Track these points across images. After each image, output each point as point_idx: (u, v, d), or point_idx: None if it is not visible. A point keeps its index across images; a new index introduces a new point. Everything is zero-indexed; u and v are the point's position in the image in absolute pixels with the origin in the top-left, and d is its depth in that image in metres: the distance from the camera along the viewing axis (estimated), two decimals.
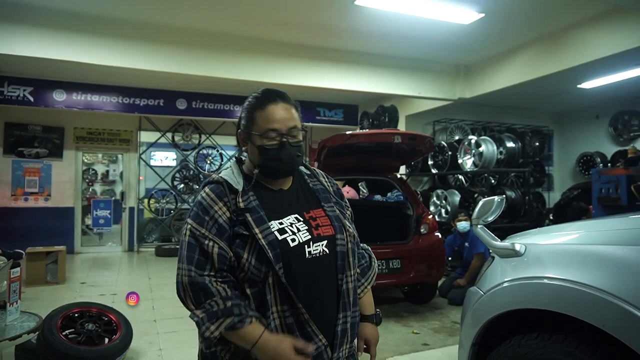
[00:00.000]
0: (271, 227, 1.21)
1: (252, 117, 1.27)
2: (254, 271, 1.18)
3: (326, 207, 1.34)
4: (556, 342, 1.61)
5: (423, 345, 3.99)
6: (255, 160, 1.29)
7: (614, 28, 4.76)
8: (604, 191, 4.82)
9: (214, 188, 1.26)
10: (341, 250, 1.29)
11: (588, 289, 1.50)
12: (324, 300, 1.25)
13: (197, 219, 1.21)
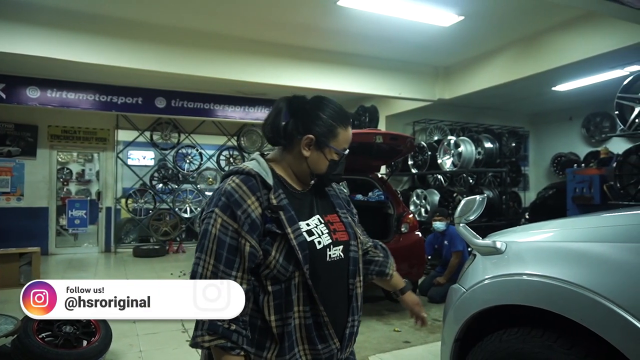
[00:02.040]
0: (301, 227, 1.22)
1: (336, 132, 1.30)
2: (280, 270, 1.18)
3: (340, 213, 1.38)
4: (535, 336, 1.66)
5: (404, 342, 4.04)
6: (319, 170, 1.31)
7: (587, 33, 4.92)
8: (578, 190, 4.97)
9: (245, 180, 1.22)
10: (353, 257, 1.33)
11: (566, 284, 1.55)
12: (337, 304, 1.28)
13: (227, 211, 1.18)
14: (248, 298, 1.18)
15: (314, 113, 1.30)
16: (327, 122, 1.29)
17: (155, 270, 7.34)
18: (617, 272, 1.48)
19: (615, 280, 1.47)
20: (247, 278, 1.18)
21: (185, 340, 3.97)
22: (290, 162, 1.32)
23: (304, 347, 1.23)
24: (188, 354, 3.74)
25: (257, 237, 1.18)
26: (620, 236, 1.60)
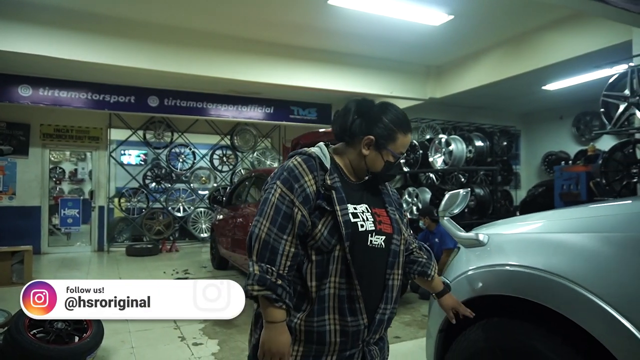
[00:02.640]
0: (348, 209, 1.36)
1: (395, 137, 1.43)
2: (324, 242, 1.33)
3: (389, 209, 1.50)
4: (514, 325, 1.71)
5: (394, 338, 4.09)
6: (375, 168, 1.45)
7: (574, 32, 5.00)
8: (565, 187, 5.05)
9: (306, 160, 1.39)
10: (394, 249, 1.44)
11: (543, 273, 1.60)
12: (371, 287, 1.39)
13: (287, 183, 1.34)
14: (295, 260, 1.32)
15: (378, 116, 1.43)
16: (388, 126, 1.42)
17: (148, 269, 7.34)
18: (589, 260, 1.53)
19: (588, 269, 1.52)
20: (295, 243, 1.32)
21: (178, 336, 4.00)
22: (350, 157, 1.47)
23: (335, 316, 1.34)
24: (180, 349, 3.76)
25: (308, 210, 1.33)
26: (594, 227, 1.65)
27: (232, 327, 4.14)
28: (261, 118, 9.35)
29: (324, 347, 1.34)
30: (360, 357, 1.40)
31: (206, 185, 10.11)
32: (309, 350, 1.35)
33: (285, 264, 1.30)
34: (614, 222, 1.64)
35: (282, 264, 1.30)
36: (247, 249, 1.35)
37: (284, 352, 1.28)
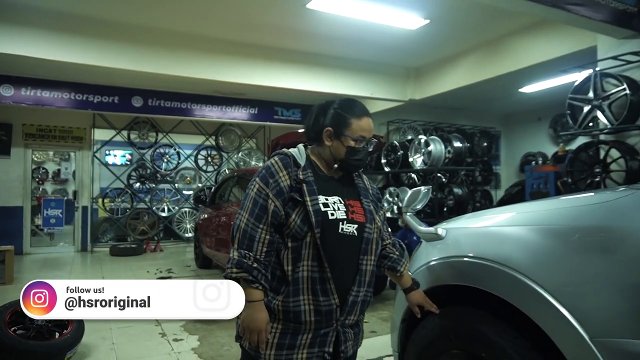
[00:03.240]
0: (319, 199, 1.50)
1: (348, 122, 1.56)
2: (297, 229, 1.47)
3: (363, 201, 1.62)
4: (466, 312, 1.84)
5: (371, 332, 4.21)
6: (339, 156, 1.58)
7: (544, 38, 5.19)
8: (535, 186, 5.23)
9: (282, 158, 1.56)
10: (367, 237, 1.56)
11: (491, 263, 1.73)
12: (344, 271, 1.51)
13: (264, 180, 1.52)
14: (272, 246, 1.48)
15: (331, 109, 1.60)
16: (340, 114, 1.57)
17: (132, 268, 7.37)
18: (531, 251, 1.66)
19: (529, 258, 1.65)
20: (270, 231, 1.48)
21: (158, 333, 4.07)
22: (320, 152, 1.62)
23: (308, 297, 1.47)
24: (160, 345, 3.84)
25: (282, 202, 1.49)
26: (536, 220, 1.79)
27: (212, 323, 4.22)
28: (245, 119, 9.43)
29: (300, 325, 1.47)
30: (334, 336, 1.51)
31: (191, 186, 10.15)
32: (287, 327, 1.48)
33: (262, 249, 1.46)
34: (553, 215, 1.78)
35: (259, 249, 1.46)
36: (230, 239, 1.52)
37: (261, 328, 1.43)
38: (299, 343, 1.48)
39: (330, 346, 1.51)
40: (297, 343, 1.48)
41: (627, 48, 4.01)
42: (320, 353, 1.49)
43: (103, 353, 3.67)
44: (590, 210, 1.65)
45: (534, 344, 1.58)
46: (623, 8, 3.81)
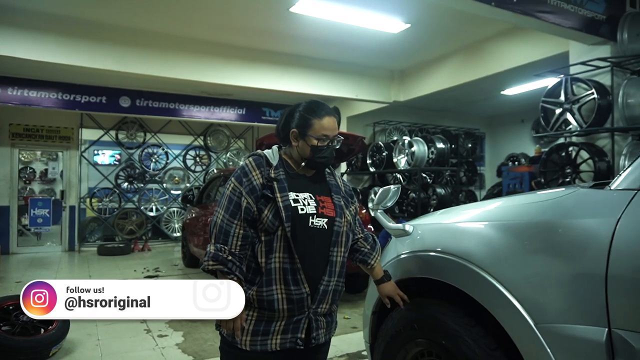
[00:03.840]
0: (289, 196, 1.60)
1: (310, 123, 1.66)
2: (269, 224, 1.57)
3: (334, 197, 1.72)
4: (430, 304, 1.96)
5: (352, 328, 4.34)
6: (305, 155, 1.68)
7: (521, 43, 5.36)
8: (511, 186, 5.39)
9: (256, 159, 1.68)
10: (337, 230, 1.66)
11: (451, 257, 1.85)
12: (315, 262, 1.61)
13: (238, 179, 1.63)
14: (246, 240, 1.60)
15: (295, 111, 1.71)
16: (302, 115, 1.68)
17: (119, 267, 7.42)
18: (488, 245, 1.78)
19: (485, 252, 1.77)
20: (244, 226, 1.59)
21: (143, 329, 4.15)
22: (291, 152, 1.73)
23: (280, 286, 1.57)
24: (145, 341, 3.92)
25: (255, 199, 1.60)
26: (494, 216, 1.92)
27: (197, 319, 4.31)
28: (233, 119, 9.51)
29: (274, 313, 1.57)
30: (306, 324, 1.60)
31: (179, 186, 10.20)
32: (262, 315, 1.58)
33: (237, 243, 1.57)
34: (507, 212, 1.91)
35: (234, 243, 1.57)
36: (209, 235, 1.63)
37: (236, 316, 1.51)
38: (273, 329, 1.57)
39: (302, 333, 1.59)
40: (271, 329, 1.57)
41: (597, 54, 4.17)
42: (293, 339, 1.58)
43: (88, 349, 3.74)
44: (537, 208, 1.78)
45: (488, 331, 1.71)
46: (592, 16, 3.97)
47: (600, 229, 1.43)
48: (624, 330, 1.31)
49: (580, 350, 1.40)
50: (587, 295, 1.41)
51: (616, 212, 1.41)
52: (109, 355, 3.62)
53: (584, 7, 3.90)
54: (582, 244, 1.48)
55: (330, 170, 1.83)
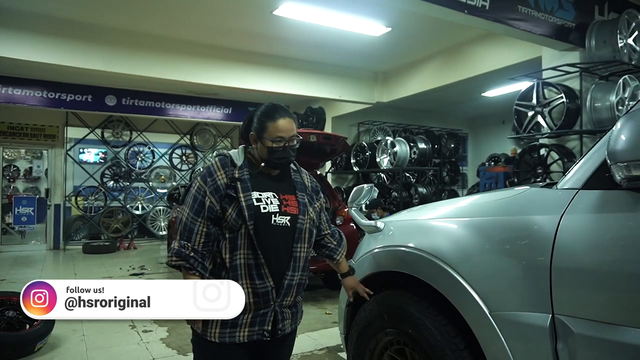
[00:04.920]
0: (252, 195, 1.66)
1: (265, 125, 1.71)
2: (233, 222, 1.63)
3: (298, 195, 1.77)
4: (398, 295, 2.09)
5: (333, 323, 4.46)
6: (264, 156, 1.73)
7: (497, 47, 5.56)
8: (487, 185, 5.58)
9: (221, 159, 1.74)
10: (299, 227, 1.72)
11: (418, 252, 1.98)
12: (279, 257, 1.67)
13: (203, 179, 1.69)
14: (209, 237, 1.66)
15: (252, 115, 1.79)
16: (257, 118, 1.74)
17: (105, 265, 7.45)
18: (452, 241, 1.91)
19: (448, 247, 1.90)
20: (207, 224, 1.65)
21: (128, 325, 4.23)
22: (253, 152, 1.79)
23: (246, 281, 1.63)
24: (129, 336, 4.00)
25: (219, 198, 1.65)
26: (460, 213, 2.05)
27: None
28: (220, 118, 9.57)
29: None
30: (272, 316, 1.67)
31: (165, 184, 10.23)
32: None
33: (200, 240, 1.64)
34: (469, 209, 2.05)
35: (197, 240, 1.63)
36: (175, 232, 1.73)
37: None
38: (241, 322, 1.61)
39: (269, 325, 1.66)
40: (239, 322, 1.61)
41: (567, 59, 4.36)
42: (260, 331, 1.64)
43: (73, 344, 3.81)
44: (494, 205, 1.93)
45: (450, 320, 1.84)
46: (562, 23, 4.16)
47: (546, 225, 1.56)
48: (565, 315, 1.45)
49: (527, 334, 1.54)
50: (534, 285, 1.54)
51: (560, 209, 1.55)
52: (94, 350, 3.69)
53: (554, 14, 4.08)
54: (530, 239, 1.62)
55: (297, 167, 1.89)
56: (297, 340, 3.94)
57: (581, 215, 1.51)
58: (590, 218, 1.50)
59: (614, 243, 1.44)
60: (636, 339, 1.28)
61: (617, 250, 1.43)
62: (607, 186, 1.46)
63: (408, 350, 2.01)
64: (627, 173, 1.31)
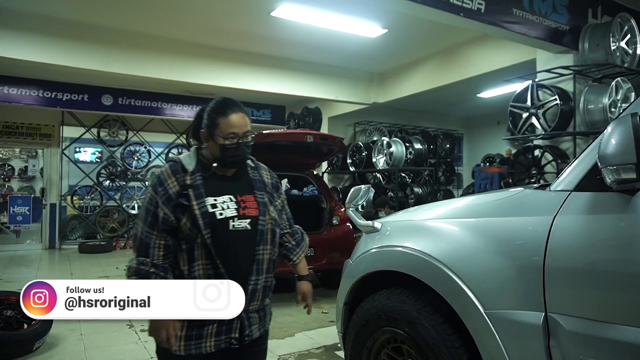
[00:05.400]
0: (206, 202, 1.55)
1: (216, 122, 1.59)
2: (188, 232, 1.53)
3: (257, 195, 1.67)
4: (395, 294, 2.12)
5: (329, 322, 4.50)
6: (216, 155, 1.63)
7: (494, 49, 5.62)
8: (483, 186, 5.64)
9: (172, 165, 1.61)
10: (261, 229, 1.63)
11: (415, 252, 2.02)
12: (240, 264, 1.58)
13: (154, 188, 1.57)
14: (168, 249, 1.55)
15: (202, 112, 1.67)
16: (208, 115, 1.63)
17: (101, 265, 7.45)
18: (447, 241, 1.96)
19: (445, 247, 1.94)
20: (163, 236, 1.55)
21: (126, 324, 4.24)
22: (205, 152, 1.68)
23: None
24: (127, 335, 4.02)
25: (173, 207, 1.54)
26: (454, 214, 2.10)
27: None
28: None
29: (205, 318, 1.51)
30: (239, 323, 1.57)
31: None
32: (192, 321, 1.52)
33: (159, 254, 1.53)
34: (466, 210, 2.09)
35: (156, 254, 1.52)
36: (132, 248, 1.59)
37: (167, 325, 1.47)
38: (206, 333, 1.53)
39: (236, 332, 1.57)
40: (204, 333, 1.53)
41: (561, 62, 4.43)
42: (227, 340, 1.56)
43: (71, 343, 3.82)
44: (489, 207, 1.97)
45: (446, 318, 1.88)
46: (556, 26, 4.22)
47: (539, 226, 1.60)
48: (557, 314, 1.50)
49: (521, 332, 1.58)
50: (528, 284, 1.58)
51: (552, 211, 1.59)
52: (92, 350, 3.71)
53: (548, 17, 4.14)
54: (524, 240, 1.67)
55: (255, 164, 1.79)
56: (294, 339, 4.01)
57: (573, 216, 1.55)
58: (582, 219, 1.54)
59: (605, 243, 1.49)
60: (626, 336, 1.33)
61: (609, 251, 1.47)
62: (598, 188, 1.51)
63: (405, 348, 2.05)
64: (617, 176, 1.36)
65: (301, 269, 1.89)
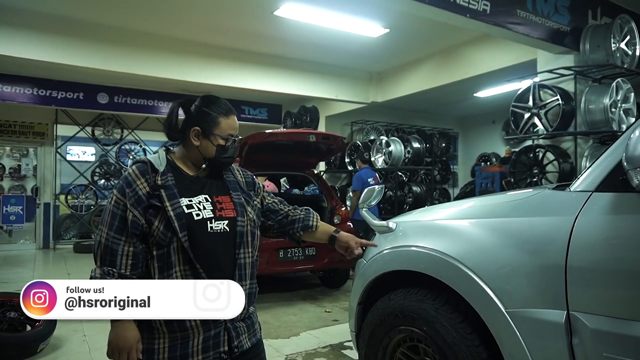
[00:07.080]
0: (181, 202, 1.44)
1: (217, 121, 1.53)
2: (161, 236, 1.40)
3: (233, 195, 1.57)
4: (412, 293, 2.14)
5: (333, 321, 4.51)
6: (208, 155, 1.54)
7: (494, 49, 5.67)
8: (484, 185, 5.69)
9: (140, 166, 1.49)
10: (240, 231, 1.52)
11: (433, 252, 2.03)
12: (221, 268, 1.47)
13: (121, 191, 1.44)
14: (137, 257, 1.43)
15: (198, 108, 1.56)
16: (207, 112, 1.54)
17: None
18: (464, 240, 1.98)
19: (464, 247, 1.96)
20: (133, 242, 1.41)
21: None
22: (186, 152, 1.56)
23: None
24: None
25: (142, 210, 1.42)
26: (470, 214, 2.12)
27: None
28: None
29: (187, 332, 1.41)
30: (226, 334, 1.47)
31: None
32: (174, 339, 1.42)
33: (127, 263, 1.40)
34: (482, 210, 2.11)
35: (123, 263, 1.39)
36: (93, 257, 1.43)
37: (131, 345, 1.36)
38: (192, 351, 1.42)
39: (224, 345, 1.47)
40: (189, 352, 1.42)
41: (562, 62, 4.49)
42: (216, 355, 1.46)
43: (75, 344, 3.79)
44: (509, 206, 1.99)
45: (464, 317, 1.90)
46: (557, 27, 4.27)
47: (561, 225, 1.62)
48: (580, 312, 1.52)
49: (543, 330, 1.60)
50: (550, 283, 1.61)
51: (574, 211, 1.62)
52: (97, 351, 3.67)
53: (550, 19, 4.19)
54: (545, 239, 1.69)
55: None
56: (300, 339, 4.02)
57: (596, 216, 1.58)
58: (605, 219, 1.56)
59: (629, 242, 1.51)
60: None
61: (632, 250, 1.50)
62: (620, 189, 1.53)
63: (422, 347, 2.06)
64: None
65: (325, 229, 1.77)
